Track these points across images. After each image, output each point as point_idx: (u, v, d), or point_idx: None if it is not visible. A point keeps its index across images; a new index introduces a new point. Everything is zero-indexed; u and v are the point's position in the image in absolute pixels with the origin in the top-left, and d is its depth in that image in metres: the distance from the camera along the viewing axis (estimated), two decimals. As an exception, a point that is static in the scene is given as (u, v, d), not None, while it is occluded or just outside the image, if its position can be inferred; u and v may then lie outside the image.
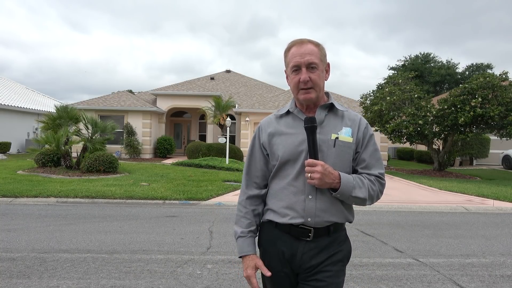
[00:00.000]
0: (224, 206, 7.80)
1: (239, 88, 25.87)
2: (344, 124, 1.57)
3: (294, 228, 1.54)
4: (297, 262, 1.55)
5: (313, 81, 1.51)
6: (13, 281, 3.51)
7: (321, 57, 1.55)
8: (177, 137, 24.26)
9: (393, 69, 42.69)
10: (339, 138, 1.53)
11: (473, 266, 4.24)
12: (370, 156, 1.58)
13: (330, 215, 1.53)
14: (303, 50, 1.52)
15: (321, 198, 1.51)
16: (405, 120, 14.25)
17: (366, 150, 1.58)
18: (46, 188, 8.75)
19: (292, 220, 1.53)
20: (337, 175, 1.47)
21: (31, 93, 26.85)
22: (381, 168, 1.59)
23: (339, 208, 1.54)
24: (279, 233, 1.58)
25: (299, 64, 1.51)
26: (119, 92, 22.21)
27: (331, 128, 1.55)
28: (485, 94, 13.24)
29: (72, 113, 12.87)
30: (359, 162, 1.58)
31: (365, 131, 1.59)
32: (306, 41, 1.55)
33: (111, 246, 4.69)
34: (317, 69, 1.52)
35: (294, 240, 1.55)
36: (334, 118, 1.59)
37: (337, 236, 1.58)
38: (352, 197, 1.49)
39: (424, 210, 7.87)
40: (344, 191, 1.47)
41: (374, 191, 1.55)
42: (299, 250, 1.54)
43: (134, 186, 9.42)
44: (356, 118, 1.61)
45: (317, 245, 1.54)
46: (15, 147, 20.49)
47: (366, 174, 1.56)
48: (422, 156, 22.51)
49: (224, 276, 3.76)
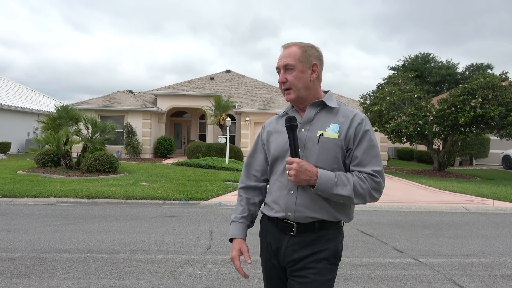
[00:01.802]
0: (224, 206, 7.80)
1: (239, 88, 25.87)
2: (336, 120, 1.57)
3: (280, 222, 1.61)
4: (282, 255, 1.61)
5: (289, 81, 1.58)
6: (13, 281, 3.51)
7: (300, 58, 1.58)
8: (177, 137, 24.26)
9: (393, 69, 42.71)
10: (324, 134, 1.55)
11: (473, 266, 4.24)
12: (364, 153, 1.53)
13: (312, 212, 1.54)
14: (284, 53, 1.61)
15: (302, 194, 1.55)
16: (405, 120, 14.25)
17: (359, 147, 1.54)
18: (46, 188, 8.75)
19: (276, 213, 1.61)
20: (315, 172, 1.47)
21: (31, 93, 26.85)
22: (376, 166, 1.52)
23: (322, 204, 1.53)
24: (270, 225, 1.68)
25: (278, 66, 1.63)
26: (119, 92, 22.20)
27: (320, 125, 1.58)
28: (485, 94, 13.24)
29: (72, 113, 12.87)
30: (352, 159, 1.55)
31: (359, 127, 1.55)
32: (292, 44, 1.62)
33: (111, 246, 4.69)
34: (294, 70, 1.57)
35: (281, 233, 1.62)
36: (326, 115, 1.60)
37: (324, 234, 1.56)
38: (333, 195, 1.48)
39: (424, 210, 7.87)
40: (323, 188, 1.46)
41: (364, 189, 1.49)
42: (283, 243, 1.60)
43: (134, 186, 9.42)
44: (350, 114, 1.58)
45: (301, 240, 1.57)
46: (15, 147, 20.49)
47: (358, 172, 1.52)
48: (422, 156, 22.51)
49: (224, 276, 3.76)
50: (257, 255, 4.51)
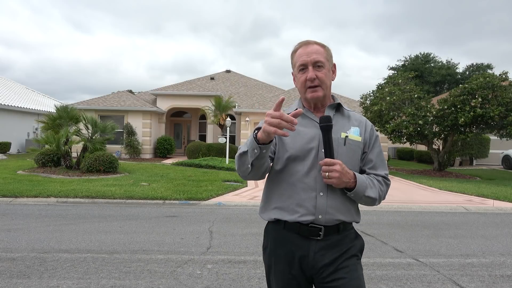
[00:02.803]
0: (224, 206, 7.80)
1: (239, 88, 25.86)
2: (352, 124, 1.60)
3: (303, 227, 1.51)
4: (310, 262, 1.51)
5: (320, 79, 1.53)
6: (13, 281, 3.51)
7: (327, 56, 1.57)
8: (177, 137, 24.25)
9: (393, 69, 42.67)
10: (349, 136, 1.56)
11: (473, 266, 4.24)
12: (377, 157, 1.62)
13: (340, 214, 1.52)
14: (309, 49, 1.54)
15: (332, 196, 1.51)
16: (405, 120, 14.25)
17: (372, 151, 1.62)
18: (46, 188, 8.75)
19: (302, 217, 1.50)
20: (352, 174, 1.49)
21: (31, 93, 26.84)
22: (386, 169, 1.63)
23: (348, 207, 1.55)
24: (288, 233, 1.54)
25: (306, 62, 1.53)
26: (119, 92, 22.19)
27: (340, 127, 1.57)
28: (485, 94, 13.24)
29: (72, 113, 12.87)
30: (367, 162, 1.61)
31: (371, 132, 1.63)
32: (313, 42, 1.58)
33: (111, 246, 4.69)
34: (324, 68, 1.54)
35: (304, 239, 1.52)
36: (341, 118, 1.61)
37: (347, 234, 1.58)
38: (364, 197, 1.51)
39: (424, 210, 7.87)
40: (359, 190, 1.49)
41: (382, 191, 1.58)
42: (311, 249, 1.51)
43: (134, 186, 9.42)
44: (362, 119, 1.66)
45: (327, 243, 1.52)
46: (15, 147, 20.48)
47: (374, 175, 1.59)
48: (422, 156, 22.50)
49: (224, 276, 3.75)
50: (256, 255, 4.51)
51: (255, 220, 6.43)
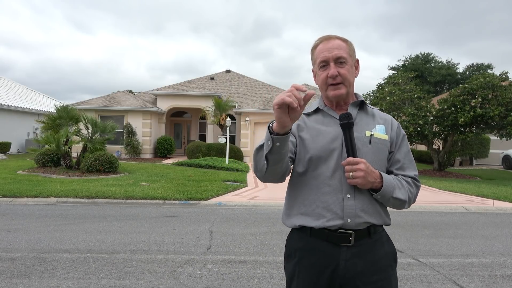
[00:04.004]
0: (224, 206, 7.80)
1: (239, 88, 25.86)
2: (377, 122, 1.51)
3: (332, 233, 1.41)
4: (341, 271, 1.40)
5: (342, 75, 1.43)
6: (13, 281, 3.51)
7: (349, 52, 1.47)
8: (177, 137, 24.25)
9: (393, 69, 42.67)
10: (374, 135, 1.46)
11: (473, 266, 4.24)
12: (405, 157, 1.51)
13: (370, 216, 1.42)
14: (331, 45, 1.45)
15: (360, 197, 1.41)
16: (405, 120, 14.26)
17: (400, 150, 1.51)
18: (46, 188, 8.75)
19: (330, 222, 1.40)
20: (378, 174, 1.39)
21: (31, 93, 26.84)
22: (416, 170, 1.53)
23: (377, 209, 1.45)
24: (316, 240, 1.43)
25: (327, 59, 1.44)
26: (119, 92, 22.19)
27: (364, 126, 1.48)
28: (485, 94, 13.25)
29: (72, 113, 12.87)
30: (394, 162, 1.51)
31: (398, 131, 1.53)
32: (334, 36, 1.49)
33: (111, 246, 4.69)
34: (346, 64, 1.44)
35: (334, 247, 1.41)
36: (365, 116, 1.52)
37: (378, 237, 1.47)
38: (392, 198, 1.41)
39: (424, 210, 7.87)
40: (386, 191, 1.39)
41: (412, 193, 1.48)
42: (341, 257, 1.40)
43: (134, 186, 9.42)
44: (388, 117, 1.55)
45: (359, 250, 1.42)
46: (15, 147, 20.48)
47: (402, 176, 1.49)
48: (422, 156, 22.49)
49: (224, 276, 3.75)
50: (256, 255, 4.51)
51: (255, 220, 6.44)
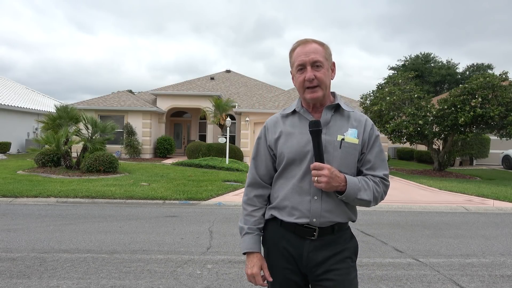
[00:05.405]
0: (224, 206, 7.80)
1: (239, 88, 25.86)
2: (350, 125, 1.57)
3: (299, 227, 1.55)
4: (304, 260, 1.55)
5: (319, 79, 1.51)
6: (13, 281, 3.51)
7: (326, 55, 1.55)
8: (177, 137, 24.25)
9: (393, 69, 42.68)
10: (345, 139, 1.53)
11: (473, 266, 4.24)
12: (376, 157, 1.59)
13: (335, 216, 1.54)
14: (308, 49, 1.52)
15: (326, 200, 1.52)
16: (405, 120, 14.26)
17: (371, 151, 1.59)
18: (46, 188, 8.75)
19: (298, 219, 1.53)
20: (343, 178, 1.47)
21: (31, 93, 26.84)
22: (385, 169, 1.60)
23: (343, 209, 1.56)
24: (284, 231, 1.58)
25: (304, 62, 1.51)
26: (119, 92, 22.19)
27: (337, 129, 1.55)
28: (485, 94, 13.25)
29: (72, 113, 12.87)
30: (365, 163, 1.58)
31: (371, 132, 1.60)
32: (311, 40, 1.56)
33: (111, 246, 4.69)
34: (322, 67, 1.52)
35: (299, 239, 1.56)
36: (340, 118, 1.59)
37: (341, 234, 1.59)
38: (357, 200, 1.50)
39: (424, 210, 7.87)
40: (350, 194, 1.48)
41: (379, 192, 1.56)
42: (305, 248, 1.55)
43: (134, 186, 9.42)
44: (362, 118, 1.61)
45: (321, 243, 1.55)
46: (15, 147, 20.48)
47: (371, 176, 1.57)
48: (422, 156, 22.50)
49: (224, 276, 3.76)
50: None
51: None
